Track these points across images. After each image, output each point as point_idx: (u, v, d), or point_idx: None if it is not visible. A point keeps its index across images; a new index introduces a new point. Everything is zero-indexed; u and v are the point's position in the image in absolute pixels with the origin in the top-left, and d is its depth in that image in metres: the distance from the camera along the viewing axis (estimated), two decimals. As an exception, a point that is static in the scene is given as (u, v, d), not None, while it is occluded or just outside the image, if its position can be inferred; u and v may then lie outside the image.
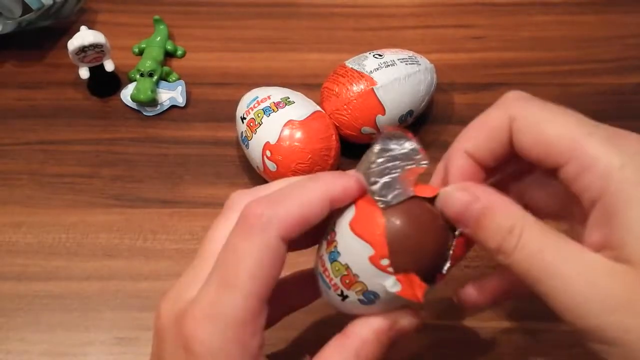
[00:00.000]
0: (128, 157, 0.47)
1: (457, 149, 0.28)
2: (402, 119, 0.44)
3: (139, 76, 0.49)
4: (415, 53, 0.46)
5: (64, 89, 0.51)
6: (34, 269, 0.41)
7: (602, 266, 0.24)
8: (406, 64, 0.44)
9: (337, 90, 0.44)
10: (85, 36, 0.46)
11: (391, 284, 0.25)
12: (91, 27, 0.48)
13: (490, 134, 0.28)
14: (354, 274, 0.25)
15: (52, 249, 0.42)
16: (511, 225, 0.25)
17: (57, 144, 0.47)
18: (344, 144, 0.44)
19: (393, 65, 0.44)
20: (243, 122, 0.43)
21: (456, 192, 0.26)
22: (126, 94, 0.50)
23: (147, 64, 0.50)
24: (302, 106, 0.42)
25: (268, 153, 0.41)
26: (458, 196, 0.26)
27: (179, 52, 0.53)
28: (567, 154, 0.25)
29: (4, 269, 0.41)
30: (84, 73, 0.48)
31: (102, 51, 0.47)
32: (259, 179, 0.44)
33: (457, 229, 0.27)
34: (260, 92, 0.44)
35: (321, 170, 0.41)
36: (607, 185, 0.24)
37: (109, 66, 0.49)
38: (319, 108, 0.43)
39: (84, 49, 0.46)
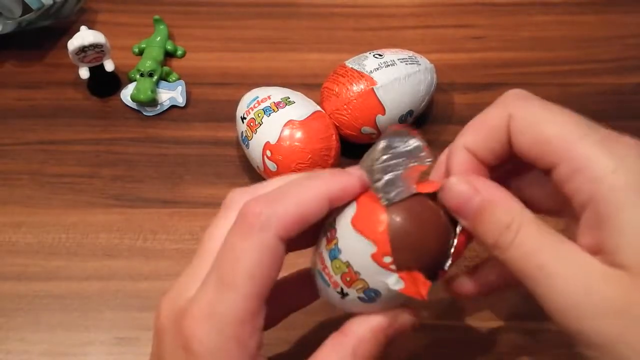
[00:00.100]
0: (128, 157, 0.47)
1: (458, 145, 0.28)
2: (402, 119, 0.44)
3: (139, 76, 0.49)
4: (415, 53, 0.46)
5: (64, 89, 0.51)
6: (34, 269, 0.41)
7: (597, 270, 0.23)
8: (406, 64, 0.44)
9: (337, 90, 0.44)
10: (85, 36, 0.46)
11: (394, 282, 0.25)
12: (91, 27, 0.48)
13: (490, 133, 0.27)
14: (355, 272, 0.25)
15: (52, 249, 0.42)
16: (509, 221, 0.25)
17: (57, 144, 0.47)
18: (344, 144, 0.44)
19: (393, 65, 0.44)
20: (243, 122, 0.43)
21: (458, 184, 0.26)
22: (126, 94, 0.50)
23: (147, 64, 0.50)
24: (302, 106, 0.42)
25: (268, 153, 0.41)
26: (459, 188, 0.26)
27: (179, 52, 0.53)
28: (560, 155, 0.25)
29: (4, 269, 0.41)
30: (84, 73, 0.48)
31: (102, 51, 0.47)
32: (259, 179, 0.43)
33: (459, 225, 0.26)
34: (260, 92, 0.44)
35: (321, 170, 0.41)
36: (598, 188, 0.24)
37: (109, 66, 0.49)
38: (319, 108, 0.43)
39: (84, 49, 0.46)
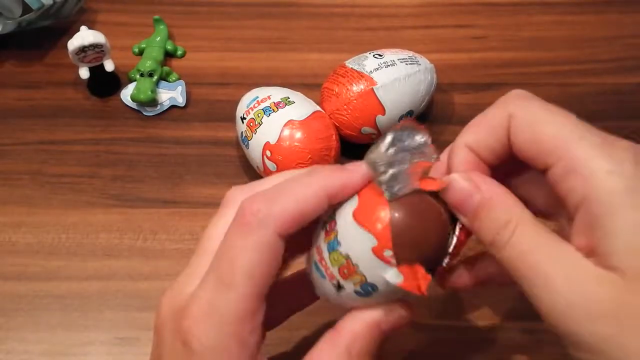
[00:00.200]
0: (128, 157, 0.47)
1: (459, 144, 0.28)
2: (402, 119, 0.44)
3: (139, 76, 0.49)
4: (415, 53, 0.46)
5: (64, 89, 0.51)
6: (34, 269, 0.41)
7: (591, 272, 0.23)
8: (406, 64, 0.44)
9: (337, 90, 0.44)
10: (85, 36, 0.46)
11: (392, 276, 0.25)
12: (91, 27, 0.48)
13: (490, 132, 0.27)
14: (354, 264, 0.25)
15: (52, 249, 0.42)
16: (507, 219, 0.25)
17: (57, 144, 0.47)
18: (344, 144, 0.44)
19: (393, 65, 0.44)
20: (243, 122, 0.43)
21: (459, 180, 0.26)
22: (126, 94, 0.50)
23: (147, 64, 0.50)
24: (302, 106, 0.42)
25: (268, 153, 0.41)
26: (460, 185, 0.26)
27: (179, 52, 0.53)
28: (557, 155, 0.25)
29: (4, 269, 0.41)
30: (84, 73, 0.48)
31: (102, 51, 0.47)
32: (259, 179, 0.43)
33: (459, 222, 0.27)
34: (260, 92, 0.44)
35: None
36: (592, 189, 0.24)
37: (109, 66, 0.49)
38: (319, 108, 0.43)
39: (84, 49, 0.46)
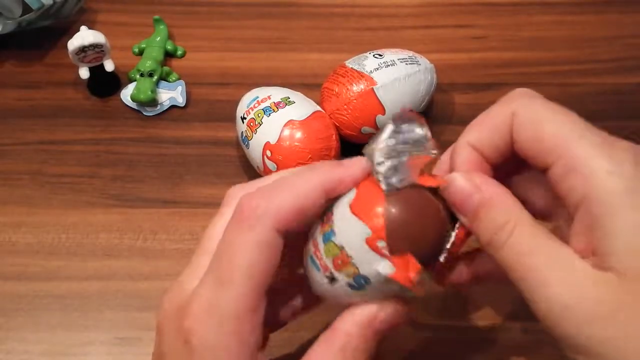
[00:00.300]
0: (128, 157, 0.47)
1: (462, 142, 0.28)
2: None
3: (139, 76, 0.49)
4: (415, 53, 0.46)
5: (64, 89, 0.51)
6: (34, 269, 0.41)
7: (588, 275, 0.23)
8: (406, 64, 0.44)
9: (337, 90, 0.44)
10: (85, 36, 0.46)
11: (384, 267, 0.24)
12: (91, 27, 0.48)
13: (494, 130, 0.27)
14: (347, 255, 0.25)
15: (52, 249, 0.42)
16: (505, 220, 0.25)
17: (57, 144, 0.47)
18: (344, 144, 0.44)
19: (393, 65, 0.44)
20: (243, 122, 0.43)
21: (459, 179, 0.26)
22: (126, 94, 0.50)
23: (147, 64, 0.50)
24: (302, 106, 0.42)
25: (268, 153, 0.41)
26: (460, 184, 0.26)
27: (179, 52, 0.53)
28: (557, 153, 0.25)
29: (4, 269, 0.41)
30: (84, 73, 0.48)
31: (102, 51, 0.47)
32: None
33: (458, 221, 0.27)
34: (260, 92, 0.44)
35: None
36: (592, 188, 0.24)
37: (109, 66, 0.49)
38: (319, 108, 0.43)
39: (84, 49, 0.46)
